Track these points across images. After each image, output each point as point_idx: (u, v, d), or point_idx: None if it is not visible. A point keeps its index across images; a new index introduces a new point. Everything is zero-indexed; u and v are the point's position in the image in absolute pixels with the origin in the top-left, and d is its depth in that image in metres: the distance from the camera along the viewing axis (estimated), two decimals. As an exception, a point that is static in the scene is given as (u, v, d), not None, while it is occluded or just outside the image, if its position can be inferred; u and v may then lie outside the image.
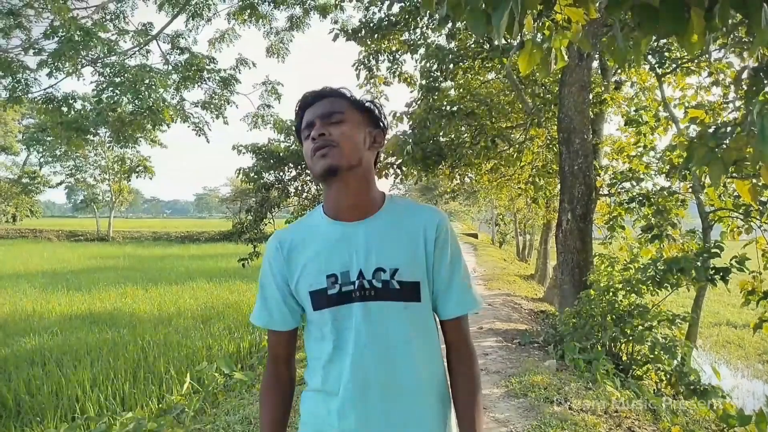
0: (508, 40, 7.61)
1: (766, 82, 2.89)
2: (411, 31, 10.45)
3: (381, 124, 1.33)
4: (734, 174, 5.57)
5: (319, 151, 1.20)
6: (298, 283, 1.24)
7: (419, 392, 1.23)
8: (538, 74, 8.61)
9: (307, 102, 1.28)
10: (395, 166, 9.59)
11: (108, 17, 10.21)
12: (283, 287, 1.27)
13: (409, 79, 11.20)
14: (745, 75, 2.97)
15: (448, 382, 1.31)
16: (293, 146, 9.55)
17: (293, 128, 9.61)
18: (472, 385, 1.27)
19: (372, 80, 11.20)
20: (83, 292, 12.27)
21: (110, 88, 9.37)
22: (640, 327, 5.58)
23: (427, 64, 10.05)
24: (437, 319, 1.32)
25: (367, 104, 1.31)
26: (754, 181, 4.33)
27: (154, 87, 9.33)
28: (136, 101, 9.43)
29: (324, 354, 1.23)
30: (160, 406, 5.07)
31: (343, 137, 1.21)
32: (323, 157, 1.19)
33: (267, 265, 1.29)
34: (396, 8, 9.80)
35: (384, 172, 9.58)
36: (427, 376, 1.25)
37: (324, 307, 1.21)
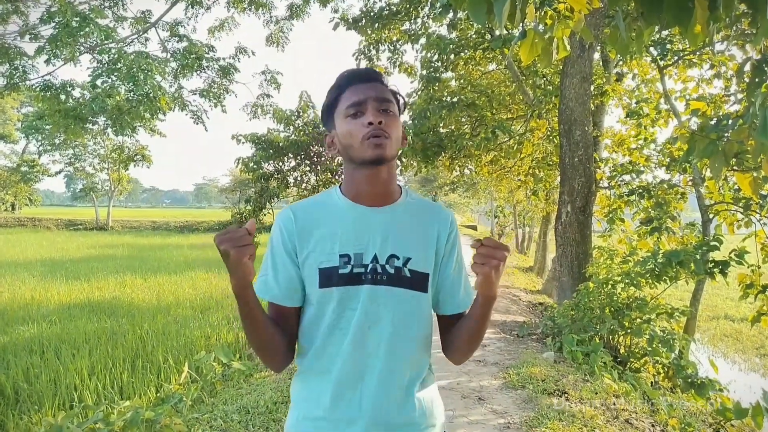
0: (510, 30, 7.57)
1: (769, 74, 2.86)
2: (412, 21, 10.39)
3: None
4: (735, 167, 5.56)
5: (376, 138, 1.20)
6: (307, 258, 1.23)
7: (410, 381, 1.25)
8: (539, 65, 8.58)
9: (354, 79, 1.27)
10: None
11: (106, 4, 10.13)
12: (294, 258, 1.25)
13: (409, 70, 11.15)
14: (747, 67, 2.94)
15: (437, 391, 1.35)
16: (293, 136, 9.50)
17: (293, 117, 9.58)
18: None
19: (372, 70, 11.13)
20: (82, 281, 12.25)
21: (105, 74, 9.30)
22: (639, 320, 5.59)
23: (428, 55, 10.00)
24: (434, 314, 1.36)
25: (402, 102, 1.33)
26: (755, 174, 4.32)
27: (150, 74, 9.27)
28: (133, 87, 9.37)
29: (319, 333, 1.23)
30: (158, 395, 5.07)
31: (394, 131, 1.24)
32: (378, 147, 1.20)
33: (279, 234, 1.26)
34: (397, -3, 9.75)
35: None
36: (421, 367, 1.28)
37: (332, 286, 1.21)
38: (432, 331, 1.32)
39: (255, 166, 9.38)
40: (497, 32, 8.67)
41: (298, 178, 9.87)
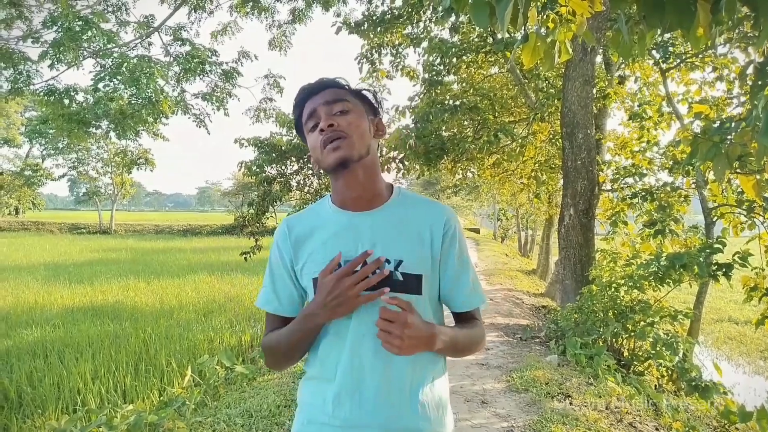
0: (512, 33, 7.57)
1: (771, 76, 2.85)
2: (414, 25, 10.40)
3: (378, 111, 1.34)
4: (738, 170, 5.54)
5: (331, 143, 1.20)
6: (303, 269, 1.26)
7: (414, 386, 1.23)
8: (541, 68, 8.58)
9: (306, 94, 1.29)
10: (397, 161, 9.57)
11: (110, 9, 10.18)
12: (291, 271, 1.29)
13: (411, 73, 11.16)
14: (750, 70, 2.94)
15: (447, 389, 1.32)
16: (295, 140, 9.51)
17: (294, 123, 9.61)
18: (477, 329, 1.32)
19: (374, 74, 11.17)
20: (85, 284, 12.28)
21: (108, 78, 9.35)
22: (642, 323, 5.57)
23: (430, 58, 10.01)
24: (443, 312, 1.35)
25: (363, 92, 1.32)
26: (758, 176, 4.30)
27: (153, 77, 9.30)
28: (136, 91, 9.41)
29: (321, 342, 1.25)
30: (161, 398, 5.07)
31: (352, 127, 1.22)
32: (335, 150, 1.19)
33: (276, 248, 1.31)
34: (399, 1, 9.77)
35: (386, 167, 9.55)
36: (426, 370, 1.25)
37: None
38: None
39: (258, 170, 9.37)
40: (499, 36, 8.69)
41: (301, 182, 9.85)
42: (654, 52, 8.47)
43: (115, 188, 39.08)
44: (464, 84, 11.12)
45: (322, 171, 1.29)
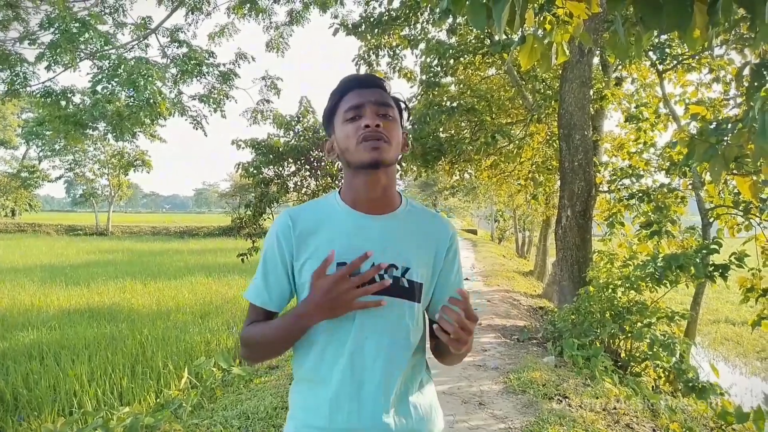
0: (509, 35, 7.58)
1: (767, 78, 2.87)
2: (411, 26, 10.41)
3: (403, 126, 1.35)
4: (734, 171, 5.56)
5: (372, 141, 1.19)
6: (304, 266, 1.22)
7: (408, 389, 1.24)
8: (538, 69, 8.60)
9: (353, 85, 1.27)
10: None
11: (107, 10, 10.17)
12: (288, 265, 1.24)
13: (409, 75, 11.17)
14: (746, 71, 2.95)
15: (434, 389, 1.35)
16: (292, 141, 9.49)
17: (293, 122, 9.58)
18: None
19: (371, 75, 11.16)
20: (82, 286, 12.24)
21: (105, 80, 9.33)
22: (639, 324, 5.59)
23: (428, 60, 10.02)
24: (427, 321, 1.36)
25: (404, 108, 1.33)
26: (755, 177, 4.31)
27: (151, 79, 9.29)
28: (133, 93, 9.39)
29: (317, 343, 1.22)
30: (158, 400, 5.06)
31: (393, 135, 1.23)
32: (374, 149, 1.19)
33: (275, 239, 1.24)
34: (396, 3, 9.77)
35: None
36: (417, 371, 1.28)
37: None
38: (425, 334, 1.32)
39: (255, 171, 9.34)
40: (496, 37, 8.69)
41: (298, 183, 9.83)
42: (651, 53, 8.50)
43: (111, 190, 38.99)
44: (461, 85, 11.15)
45: (340, 162, 1.28)
